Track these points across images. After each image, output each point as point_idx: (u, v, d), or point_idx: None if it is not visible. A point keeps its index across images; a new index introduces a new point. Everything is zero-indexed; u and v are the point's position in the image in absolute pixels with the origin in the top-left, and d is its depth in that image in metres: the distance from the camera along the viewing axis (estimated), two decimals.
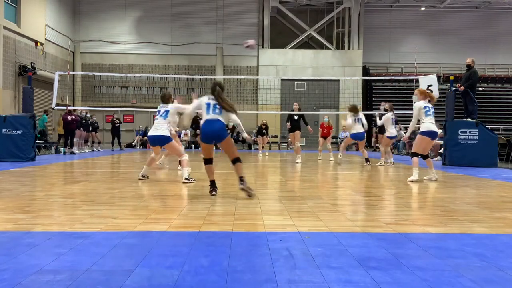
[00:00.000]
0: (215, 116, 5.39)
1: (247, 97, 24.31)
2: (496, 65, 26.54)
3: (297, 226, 3.65)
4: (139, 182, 6.82)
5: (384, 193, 6.11)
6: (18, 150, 10.90)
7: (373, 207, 4.82)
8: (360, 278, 2.38)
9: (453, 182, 7.68)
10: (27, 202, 4.77)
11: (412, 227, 3.73)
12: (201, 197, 5.27)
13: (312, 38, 25.29)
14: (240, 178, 5.30)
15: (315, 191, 6.08)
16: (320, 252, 2.87)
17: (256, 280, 2.33)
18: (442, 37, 26.27)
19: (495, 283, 2.35)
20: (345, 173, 9.33)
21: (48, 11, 20.90)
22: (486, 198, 5.60)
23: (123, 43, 24.48)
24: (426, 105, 7.39)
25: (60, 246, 2.94)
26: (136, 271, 2.45)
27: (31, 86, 12.01)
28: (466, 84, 11.37)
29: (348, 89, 22.90)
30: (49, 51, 21.04)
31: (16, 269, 2.46)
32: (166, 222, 3.75)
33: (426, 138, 7.34)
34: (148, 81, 24.59)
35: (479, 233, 3.57)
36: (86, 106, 21.69)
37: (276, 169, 10.54)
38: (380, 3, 25.80)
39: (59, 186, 6.28)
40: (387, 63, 26.36)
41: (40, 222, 3.75)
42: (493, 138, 11.09)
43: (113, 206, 4.57)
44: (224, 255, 2.77)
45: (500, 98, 24.98)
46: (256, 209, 4.48)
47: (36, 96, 16.13)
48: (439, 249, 3.00)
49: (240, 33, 24.66)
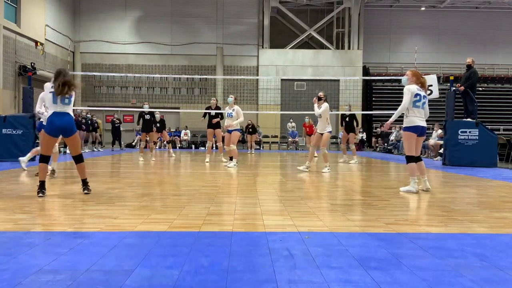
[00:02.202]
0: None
1: (247, 97, 24.30)
2: (496, 65, 26.54)
3: (297, 226, 3.65)
4: (139, 182, 6.82)
5: (384, 193, 6.10)
6: (18, 150, 10.89)
7: (373, 207, 4.82)
8: (360, 278, 2.38)
9: (453, 182, 7.68)
10: (27, 202, 4.77)
11: (412, 227, 3.73)
12: (201, 197, 5.27)
13: (312, 38, 25.29)
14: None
15: (315, 191, 6.08)
16: (320, 252, 2.87)
17: (256, 280, 2.33)
18: (442, 37, 26.27)
19: (495, 283, 2.35)
20: (345, 173, 9.33)
21: (48, 11, 20.90)
22: (486, 198, 5.60)
23: (123, 43, 24.48)
24: (418, 93, 5.99)
25: (60, 246, 2.94)
26: (136, 271, 2.45)
27: (31, 86, 12.01)
28: (466, 84, 11.37)
29: (348, 89, 22.90)
30: (49, 51, 21.04)
31: (16, 269, 2.46)
32: (166, 222, 3.75)
33: (413, 134, 6.02)
34: (148, 81, 24.59)
35: (479, 233, 3.57)
36: (86, 106, 21.69)
37: (275, 168, 10.54)
38: (380, 3, 25.80)
39: (59, 186, 6.28)
40: (387, 63, 26.36)
41: (40, 222, 3.75)
42: (493, 138, 11.09)
43: (113, 206, 4.57)
44: (224, 255, 2.77)
45: (500, 98, 24.97)
46: (256, 209, 4.48)
47: (36, 96, 16.11)
48: (439, 249, 3.00)
49: (240, 33, 24.67)
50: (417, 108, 5.98)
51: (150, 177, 7.88)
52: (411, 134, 6.01)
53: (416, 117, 5.99)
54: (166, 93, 24.69)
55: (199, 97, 24.49)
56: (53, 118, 5.18)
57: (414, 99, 5.95)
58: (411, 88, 5.99)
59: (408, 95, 5.95)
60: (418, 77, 6.16)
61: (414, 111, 5.98)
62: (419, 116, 6.01)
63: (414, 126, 5.97)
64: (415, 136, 6.02)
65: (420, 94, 5.98)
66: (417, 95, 5.97)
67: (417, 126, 5.97)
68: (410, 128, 6.00)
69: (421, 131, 6.04)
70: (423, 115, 6.07)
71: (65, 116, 5.22)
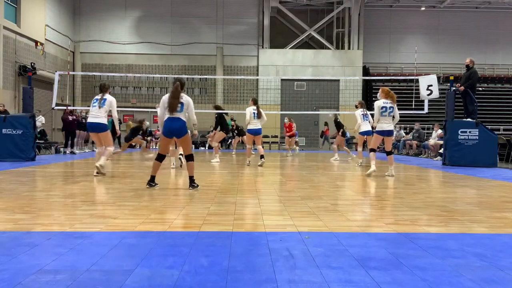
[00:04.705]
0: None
1: (247, 97, 24.25)
2: (496, 65, 26.53)
3: (297, 226, 3.65)
4: (140, 182, 6.82)
5: (384, 193, 6.11)
6: (18, 150, 10.89)
7: (373, 207, 4.82)
8: (360, 278, 2.38)
9: (453, 182, 7.68)
10: (27, 202, 4.77)
11: (412, 227, 3.73)
12: (201, 197, 5.27)
13: (312, 38, 25.29)
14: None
15: (315, 191, 6.08)
16: (320, 252, 2.87)
17: (256, 280, 2.33)
18: (442, 37, 26.26)
19: (495, 283, 2.35)
20: (345, 173, 9.33)
21: (48, 11, 20.89)
22: (486, 198, 5.60)
23: (123, 43, 24.47)
24: (384, 105, 8.01)
25: (60, 246, 2.94)
26: (136, 271, 2.45)
27: (31, 86, 12.00)
28: (466, 84, 11.37)
29: (348, 89, 22.89)
30: (49, 51, 21.03)
31: (16, 269, 2.46)
32: (166, 222, 3.75)
33: (379, 136, 8.21)
34: (148, 81, 24.59)
35: (479, 233, 3.57)
36: (86, 106, 21.68)
37: (276, 168, 10.54)
38: (380, 3, 25.79)
39: (59, 186, 6.28)
40: (387, 63, 26.35)
41: (40, 222, 3.75)
42: (493, 138, 11.09)
43: (113, 206, 4.57)
44: (224, 255, 2.77)
45: (500, 98, 24.96)
46: (256, 209, 4.48)
47: (36, 96, 16.14)
48: (439, 249, 3.00)
49: (240, 33, 24.67)
50: (383, 116, 8.05)
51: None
52: (378, 136, 8.24)
53: (383, 123, 8.06)
54: (166, 93, 24.65)
55: (199, 97, 24.49)
56: (168, 123, 5.95)
57: (381, 110, 8.02)
58: (377, 104, 8.10)
59: (376, 109, 8.06)
60: (386, 93, 8.16)
61: (381, 119, 8.06)
62: (386, 122, 8.06)
63: (381, 130, 8.11)
64: (381, 137, 8.25)
65: (386, 106, 8.02)
66: (383, 107, 8.02)
67: (383, 130, 8.10)
68: (378, 131, 8.19)
69: (387, 133, 8.15)
70: (390, 121, 8.12)
71: (177, 121, 5.95)
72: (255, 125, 10.36)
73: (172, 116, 5.94)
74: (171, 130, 5.96)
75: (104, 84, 7.88)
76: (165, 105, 6.02)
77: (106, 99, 7.63)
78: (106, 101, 7.61)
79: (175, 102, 5.91)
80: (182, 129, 5.98)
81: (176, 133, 5.99)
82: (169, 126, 5.95)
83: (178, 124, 5.94)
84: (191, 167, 6.06)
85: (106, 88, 7.81)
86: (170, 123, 5.94)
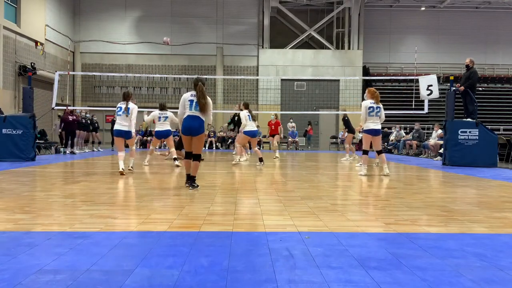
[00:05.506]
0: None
1: (247, 97, 24.26)
2: (496, 65, 26.52)
3: (297, 226, 3.65)
4: (140, 182, 6.82)
5: (384, 193, 6.11)
6: (18, 150, 10.89)
7: (373, 207, 4.82)
8: (360, 278, 2.38)
9: (453, 182, 7.68)
10: (27, 202, 4.77)
11: (412, 227, 3.73)
12: (201, 197, 5.27)
13: (312, 38, 25.28)
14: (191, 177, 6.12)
15: (315, 191, 6.08)
16: (320, 252, 2.87)
17: (256, 280, 2.33)
18: (442, 37, 26.25)
19: (495, 283, 2.35)
20: (344, 173, 9.33)
21: (48, 11, 20.88)
22: (486, 198, 5.60)
23: (123, 43, 24.46)
24: (371, 105, 8.12)
25: (60, 246, 2.94)
26: (136, 271, 2.45)
27: (31, 86, 12.01)
28: (466, 84, 11.37)
29: (348, 89, 22.88)
30: (49, 51, 21.03)
31: (16, 269, 2.46)
32: (166, 222, 3.75)
33: (368, 136, 8.26)
34: (148, 81, 24.59)
35: (479, 233, 3.57)
36: (86, 106, 21.68)
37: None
38: (380, 3, 25.78)
39: (59, 186, 6.28)
40: (387, 63, 26.34)
41: (40, 222, 3.75)
42: (493, 138, 11.09)
43: (113, 206, 4.57)
44: (224, 255, 2.77)
45: (500, 98, 24.95)
46: (256, 209, 4.48)
47: (36, 96, 16.13)
48: (439, 249, 3.00)
49: (240, 33, 24.66)
50: (371, 116, 8.14)
51: (151, 176, 7.88)
52: (367, 135, 8.30)
53: (371, 123, 8.14)
54: (166, 93, 24.68)
55: None
56: (187, 120, 6.10)
57: (368, 110, 8.10)
58: (364, 104, 8.22)
59: (364, 109, 8.13)
60: (372, 93, 8.27)
61: (369, 119, 8.14)
62: (373, 122, 8.15)
63: (369, 130, 8.20)
64: (370, 136, 8.27)
65: (373, 106, 8.13)
66: (370, 108, 8.12)
67: (370, 130, 8.18)
68: (365, 131, 8.27)
69: (375, 132, 8.22)
70: (378, 121, 8.20)
71: (196, 119, 6.09)
72: (253, 127, 10.45)
73: (192, 114, 6.09)
74: (190, 127, 6.08)
75: (128, 92, 8.51)
76: (185, 105, 6.15)
77: (129, 107, 8.30)
78: (130, 110, 8.30)
79: (203, 102, 6.08)
80: (201, 127, 6.11)
81: (194, 131, 6.09)
82: (189, 124, 6.08)
83: (197, 122, 6.09)
84: (196, 167, 6.12)
85: (129, 96, 8.43)
86: (190, 121, 6.08)
